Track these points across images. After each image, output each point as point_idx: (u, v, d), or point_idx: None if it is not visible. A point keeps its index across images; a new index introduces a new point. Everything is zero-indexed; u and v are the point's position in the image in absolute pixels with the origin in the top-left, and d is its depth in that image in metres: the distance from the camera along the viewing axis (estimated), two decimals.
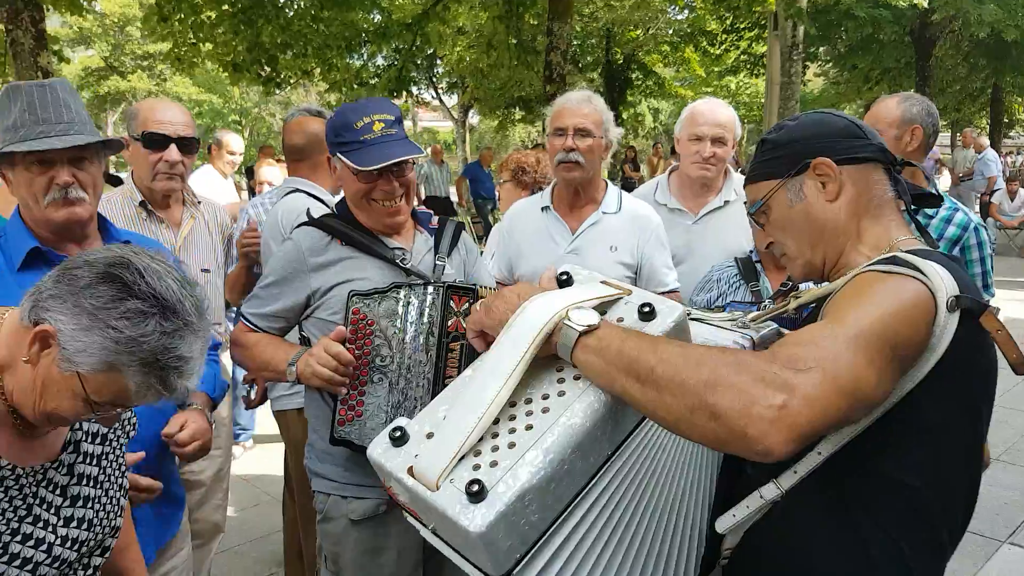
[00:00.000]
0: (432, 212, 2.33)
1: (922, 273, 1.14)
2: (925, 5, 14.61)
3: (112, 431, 1.42)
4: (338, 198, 2.81)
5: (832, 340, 1.04)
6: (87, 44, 28.81)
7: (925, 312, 1.12)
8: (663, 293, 2.69)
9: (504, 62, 15.89)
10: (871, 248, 1.29)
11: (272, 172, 4.62)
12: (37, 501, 1.23)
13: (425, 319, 1.90)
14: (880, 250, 1.27)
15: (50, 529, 1.23)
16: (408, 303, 1.90)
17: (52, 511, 1.25)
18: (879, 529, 1.18)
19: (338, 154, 1.97)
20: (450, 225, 2.25)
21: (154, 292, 1.15)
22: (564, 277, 1.33)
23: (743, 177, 3.30)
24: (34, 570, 1.19)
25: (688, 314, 1.36)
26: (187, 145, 2.50)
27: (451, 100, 28.04)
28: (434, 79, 24.37)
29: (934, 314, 1.12)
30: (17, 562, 1.17)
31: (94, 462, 1.36)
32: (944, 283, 1.12)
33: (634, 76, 23.29)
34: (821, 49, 21.18)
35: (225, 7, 10.78)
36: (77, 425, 1.36)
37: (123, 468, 1.45)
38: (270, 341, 2.06)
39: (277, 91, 13.39)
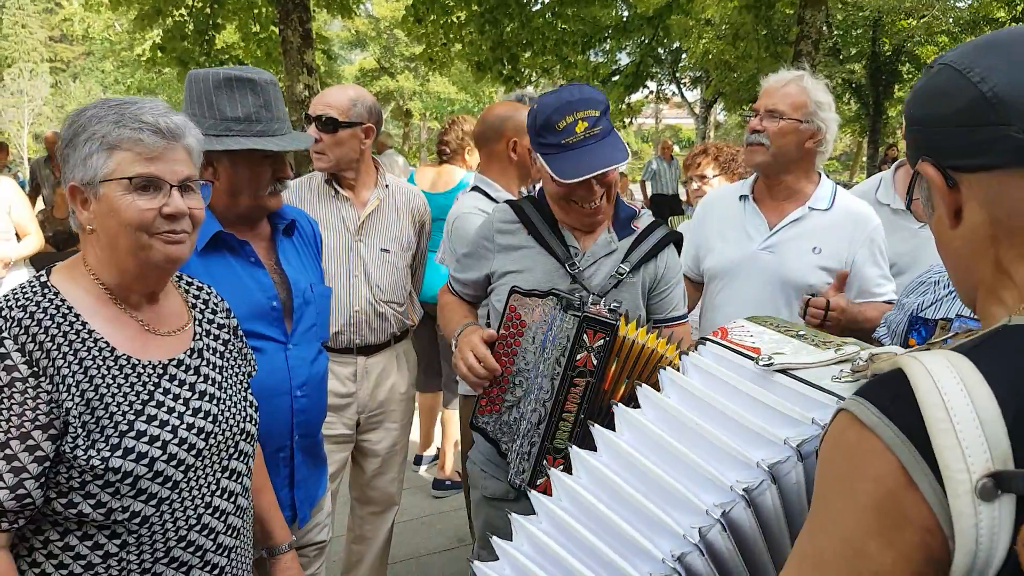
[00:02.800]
0: (637, 211, 2.11)
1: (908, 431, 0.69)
2: None
3: (228, 350, 1.55)
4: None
5: None
6: (362, 47, 32.11)
7: (903, 525, 0.69)
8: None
9: (752, 53, 15.06)
10: (1017, 299, 0.82)
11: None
12: (160, 390, 1.36)
13: (559, 344, 1.76)
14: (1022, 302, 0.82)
15: (175, 415, 1.36)
16: (554, 319, 1.78)
17: (180, 402, 1.38)
18: None
19: (538, 155, 1.91)
20: (656, 235, 2.03)
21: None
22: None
23: None
24: (163, 447, 1.33)
25: (769, 364, 1.16)
26: (324, 124, 2.54)
27: (693, 95, 27.24)
28: (676, 73, 23.79)
29: (934, 523, 0.68)
30: (145, 438, 1.31)
31: (216, 370, 1.49)
32: (974, 443, 0.66)
33: (904, 69, 20.96)
34: None
35: (474, 7, 11.37)
36: (198, 336, 1.48)
37: (245, 385, 1.57)
38: (456, 306, 2.15)
39: (519, 89, 13.86)
